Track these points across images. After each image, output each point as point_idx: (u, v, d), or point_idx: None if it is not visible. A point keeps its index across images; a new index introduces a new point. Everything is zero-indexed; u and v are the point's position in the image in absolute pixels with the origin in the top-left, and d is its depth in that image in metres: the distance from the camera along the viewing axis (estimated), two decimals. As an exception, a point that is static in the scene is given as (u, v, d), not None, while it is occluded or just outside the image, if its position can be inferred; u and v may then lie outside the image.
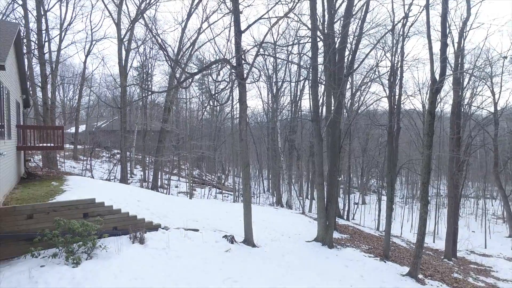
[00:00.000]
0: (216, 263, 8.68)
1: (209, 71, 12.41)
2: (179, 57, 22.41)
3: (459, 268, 15.68)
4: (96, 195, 10.04)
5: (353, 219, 27.27)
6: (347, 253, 12.81)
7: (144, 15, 22.35)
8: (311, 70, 13.59)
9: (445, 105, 32.11)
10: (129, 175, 26.01)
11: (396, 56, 14.92)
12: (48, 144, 13.53)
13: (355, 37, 15.63)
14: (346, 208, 26.59)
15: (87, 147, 31.11)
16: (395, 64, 14.76)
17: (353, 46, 15.65)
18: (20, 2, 21.63)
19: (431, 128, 11.00)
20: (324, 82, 14.21)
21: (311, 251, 12.22)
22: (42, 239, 8.09)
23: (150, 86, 30.19)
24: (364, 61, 20.25)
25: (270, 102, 32.46)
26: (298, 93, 30.30)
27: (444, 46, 11.27)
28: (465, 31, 18.35)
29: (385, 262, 12.64)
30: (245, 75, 10.70)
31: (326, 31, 13.23)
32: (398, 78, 15.07)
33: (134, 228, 9.62)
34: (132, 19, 23.81)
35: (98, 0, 40.69)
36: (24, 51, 14.39)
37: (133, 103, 30.34)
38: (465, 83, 21.69)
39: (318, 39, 13.45)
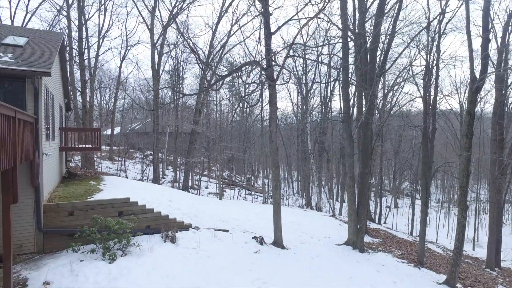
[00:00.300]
0: (246, 264, 8.74)
1: (239, 73, 12.53)
2: (210, 60, 22.83)
3: (504, 279, 14.72)
4: (130, 195, 10.44)
5: (384, 223, 26.46)
6: (379, 257, 12.45)
7: (176, 19, 22.99)
8: (341, 70, 13.37)
9: (486, 104, 30.51)
10: (161, 176, 26.78)
11: (432, 54, 14.34)
12: (87, 145, 14.21)
13: (387, 36, 15.20)
14: (378, 212, 25.84)
15: (122, 148, 32.38)
16: (430, 63, 14.19)
17: (385, 46, 15.22)
18: (65, 14, 23.07)
19: (470, 129, 10.47)
20: (355, 83, 13.94)
21: (341, 254, 11.99)
22: (81, 235, 8.54)
23: (181, 89, 30.95)
24: (396, 61, 19.67)
25: (299, 103, 32.27)
26: (328, 94, 29.90)
27: (486, 41, 10.66)
28: (510, 24, 17.28)
29: (419, 268, 12.16)
30: (275, 77, 10.71)
31: (357, 30, 12.98)
32: (434, 77, 14.47)
33: (166, 227, 9.91)
34: (164, 24, 24.55)
35: (133, 8, 42.47)
36: (66, 58, 15.26)
37: (165, 106, 31.21)
38: (509, 80, 20.43)
39: (349, 39, 13.22)
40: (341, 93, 16.38)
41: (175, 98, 28.96)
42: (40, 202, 8.85)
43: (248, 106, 22.68)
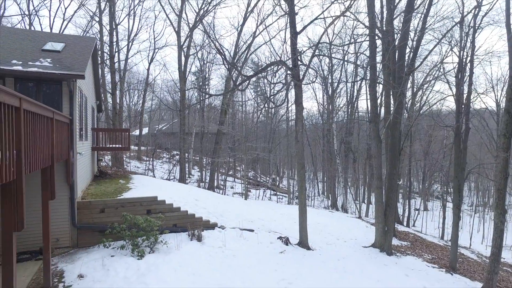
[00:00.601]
0: (271, 264, 8.74)
1: (265, 74, 12.56)
2: (235, 60, 23.02)
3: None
4: (158, 193, 10.70)
5: (413, 226, 25.61)
6: (408, 261, 12.07)
7: (202, 21, 23.37)
8: (369, 69, 13.09)
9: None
10: (187, 176, 27.27)
11: (465, 50, 13.76)
12: (117, 145, 14.70)
13: (417, 33, 14.73)
14: (406, 214, 25.06)
15: (150, 148, 33.26)
16: (464, 60, 13.62)
17: (415, 43, 14.75)
18: (97, 19, 24.10)
19: (508, 128, 9.92)
20: (383, 82, 13.60)
21: (368, 257, 11.73)
22: (112, 232, 8.85)
23: (207, 90, 31.40)
24: (427, 58, 18.98)
25: (325, 103, 31.89)
26: (355, 94, 29.36)
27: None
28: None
29: (451, 274, 11.68)
30: (301, 76, 10.65)
31: (384, 28, 12.66)
32: (467, 74, 13.87)
33: (192, 226, 10.08)
34: (191, 26, 25.01)
35: (160, 11, 43.58)
36: (98, 61, 15.90)
37: (192, 106, 31.75)
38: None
39: (376, 37, 12.92)
40: (368, 92, 16.03)
41: (202, 98, 29.43)
42: (74, 199, 9.25)
43: (274, 106, 22.66)
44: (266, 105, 24.36)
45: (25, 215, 4.48)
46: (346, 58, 22.80)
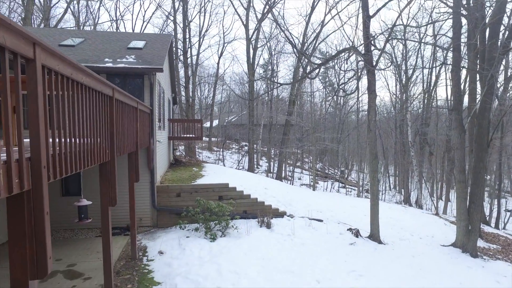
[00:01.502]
0: (340, 254, 8.54)
1: (334, 62, 12.18)
2: (304, 49, 22.71)
3: None
4: (229, 181, 11.12)
5: (504, 228, 22.79)
6: (498, 267, 10.80)
7: (272, 10, 23.46)
8: (452, 51, 11.86)
9: None
10: (255, 166, 27.87)
11: None
12: (190, 135, 15.60)
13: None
14: (494, 215, 22.38)
15: (219, 139, 34.68)
16: None
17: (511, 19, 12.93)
18: (172, 18, 25.78)
19: None
20: (467, 65, 12.22)
21: (448, 256, 10.78)
22: (187, 215, 9.46)
23: (276, 80, 31.49)
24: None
25: (398, 93, 29.84)
26: (432, 81, 26.93)
27: None
28: None
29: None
30: (374, 62, 10.10)
31: (471, 3, 11.31)
32: None
33: (261, 213, 10.29)
34: (258, 19, 25.28)
35: (229, 6, 44.79)
36: (173, 57, 17.03)
37: (260, 97, 32.17)
38: None
39: (461, 15, 11.61)
40: (448, 78, 14.56)
41: (270, 88, 29.62)
42: (154, 183, 10.09)
43: (345, 94, 21.88)
44: (336, 94, 23.57)
45: (117, 193, 5.02)
46: (423, 41, 20.93)
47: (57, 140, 2.68)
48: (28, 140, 2.32)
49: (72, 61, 2.93)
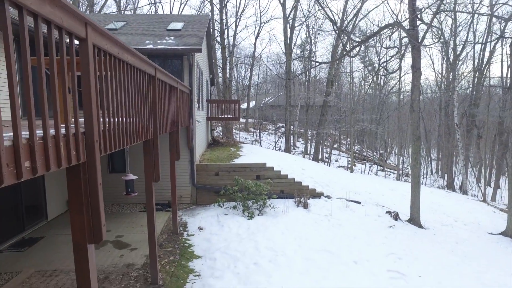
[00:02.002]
0: (379, 237, 8.37)
1: (377, 39, 11.57)
2: (344, 27, 21.83)
3: None
4: (266, 161, 11.17)
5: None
6: (554, 256, 10.07)
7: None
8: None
9: None
10: (292, 147, 27.77)
11: None
12: (228, 116, 15.77)
13: None
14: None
15: (256, 120, 34.77)
16: None
17: None
18: None
19: None
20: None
21: (496, 245, 10.20)
22: (225, 193, 9.67)
23: (314, 59, 30.68)
24: None
25: (444, 71, 27.95)
26: (485, 57, 24.86)
27: None
28: None
29: None
30: (420, 38, 9.48)
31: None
32: None
33: (299, 193, 10.29)
34: (296, -4, 24.53)
35: (266, -16, 43.80)
36: (211, 38, 17.09)
37: (298, 77, 31.57)
38: None
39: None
40: (506, 54, 13.29)
41: (308, 68, 28.98)
42: (193, 162, 10.39)
43: (386, 73, 20.89)
44: (376, 74, 22.52)
45: (160, 169, 5.23)
46: (477, 15, 19.21)
47: (106, 118, 2.83)
48: (81, 120, 2.48)
49: (118, 41, 3.04)
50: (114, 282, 5.52)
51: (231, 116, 15.80)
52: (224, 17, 25.56)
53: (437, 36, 17.77)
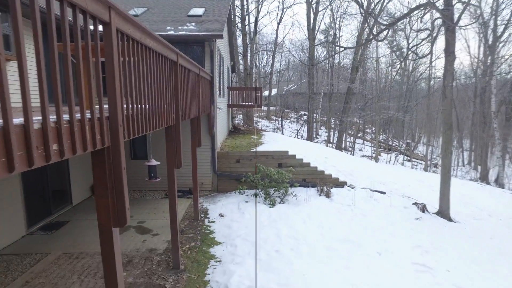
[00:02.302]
0: (404, 229, 8.07)
1: (406, 21, 10.99)
2: (370, 9, 20.94)
3: None
4: (288, 149, 10.98)
5: None
6: None
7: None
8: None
9: None
10: (314, 136, 27.35)
11: None
12: (249, 103, 15.60)
13: None
14: None
15: (278, 108, 34.41)
16: None
17: None
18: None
19: None
20: None
21: (536, 242, 9.62)
22: (246, 180, 9.58)
23: (338, 44, 29.77)
24: None
25: (481, 55, 26.37)
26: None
27: None
28: None
29: None
30: (455, 19, 8.88)
31: None
32: None
33: (321, 182, 10.08)
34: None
35: (289, -32, 42.61)
36: (232, 24, 16.84)
37: (321, 64, 30.77)
38: None
39: None
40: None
41: (332, 54, 28.16)
42: (215, 149, 10.35)
43: (416, 58, 19.96)
44: (405, 59, 21.48)
45: (182, 156, 5.17)
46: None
47: (129, 105, 2.82)
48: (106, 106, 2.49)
49: (141, 25, 3.00)
50: (137, 266, 5.60)
51: (252, 103, 15.62)
52: (245, 2, 25.15)
53: (474, 16, 16.58)
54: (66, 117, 1.91)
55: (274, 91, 37.86)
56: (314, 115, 27.66)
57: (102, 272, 3.02)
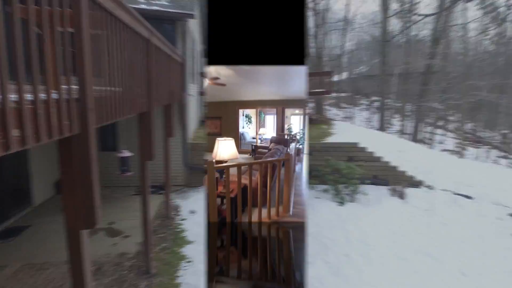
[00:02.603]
0: (496, 247, 6.90)
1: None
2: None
3: None
4: (358, 141, 10.30)
5: None
6: None
7: None
8: None
9: None
10: (386, 125, 25.49)
11: None
12: (320, 90, 14.83)
13: None
14: None
15: (348, 94, 32.64)
16: None
17: None
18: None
19: None
20: None
21: None
22: (317, 175, 9.14)
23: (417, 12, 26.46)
24: None
25: None
26: None
27: None
28: None
29: None
30: None
31: None
32: None
33: (394, 179, 9.32)
34: None
35: None
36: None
37: (395, 38, 27.67)
38: None
39: None
40: None
41: (407, 26, 25.14)
42: (186, 140, 9.51)
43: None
44: (502, 21, 17.65)
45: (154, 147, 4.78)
46: None
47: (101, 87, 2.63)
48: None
49: None
50: (107, 274, 5.17)
51: (323, 90, 14.85)
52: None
53: None
54: (29, 97, 1.68)
55: (344, 75, 36.09)
56: (387, 100, 25.62)
57: (69, 284, 2.77)
